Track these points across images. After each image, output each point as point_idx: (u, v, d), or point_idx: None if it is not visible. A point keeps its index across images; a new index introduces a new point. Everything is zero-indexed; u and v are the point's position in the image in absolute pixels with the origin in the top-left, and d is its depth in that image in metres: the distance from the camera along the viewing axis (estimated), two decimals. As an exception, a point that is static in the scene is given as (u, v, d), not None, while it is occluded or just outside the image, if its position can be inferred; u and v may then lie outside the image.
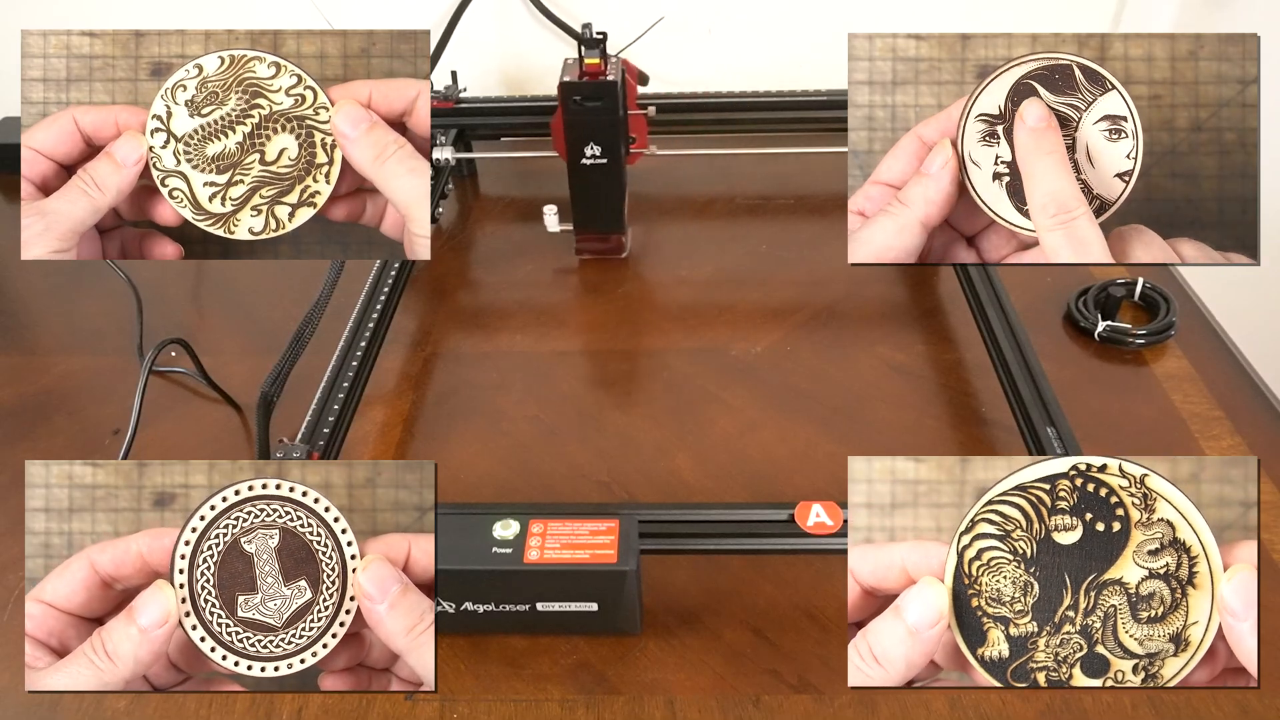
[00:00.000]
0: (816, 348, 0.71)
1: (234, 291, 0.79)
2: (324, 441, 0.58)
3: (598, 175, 0.74)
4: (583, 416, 0.66)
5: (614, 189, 0.75)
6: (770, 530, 0.50)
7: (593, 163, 0.73)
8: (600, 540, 0.47)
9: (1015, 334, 0.64)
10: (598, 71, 0.70)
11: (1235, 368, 0.68)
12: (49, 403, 0.68)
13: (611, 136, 0.72)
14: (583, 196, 0.76)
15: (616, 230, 0.78)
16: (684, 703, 0.48)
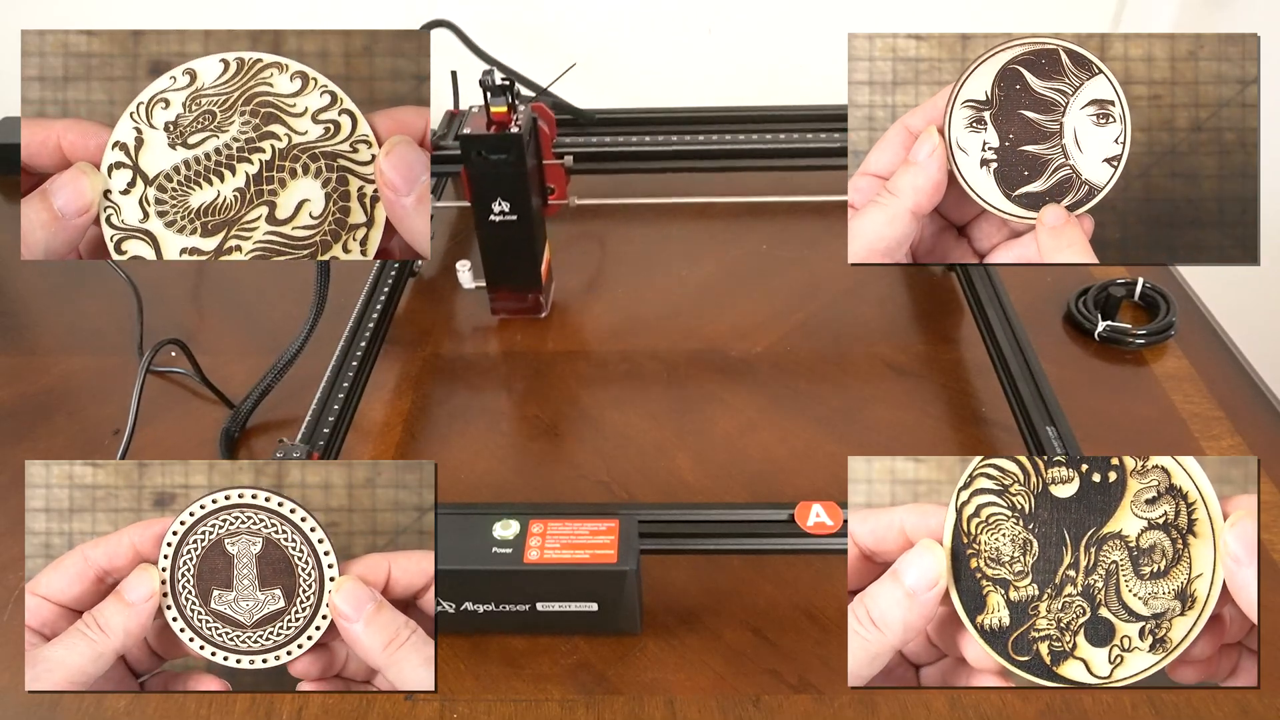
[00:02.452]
0: (816, 348, 0.71)
1: (234, 291, 0.79)
2: (324, 442, 0.58)
3: (509, 232, 0.68)
4: (583, 416, 0.66)
5: (526, 246, 0.70)
6: (770, 530, 0.50)
7: (502, 219, 0.67)
8: (600, 540, 0.47)
9: (1015, 334, 0.64)
10: (505, 121, 0.64)
11: (1235, 368, 0.68)
12: (49, 403, 0.68)
13: (520, 191, 0.66)
14: (493, 254, 0.70)
15: (533, 289, 0.73)
16: (684, 703, 0.48)
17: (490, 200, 0.67)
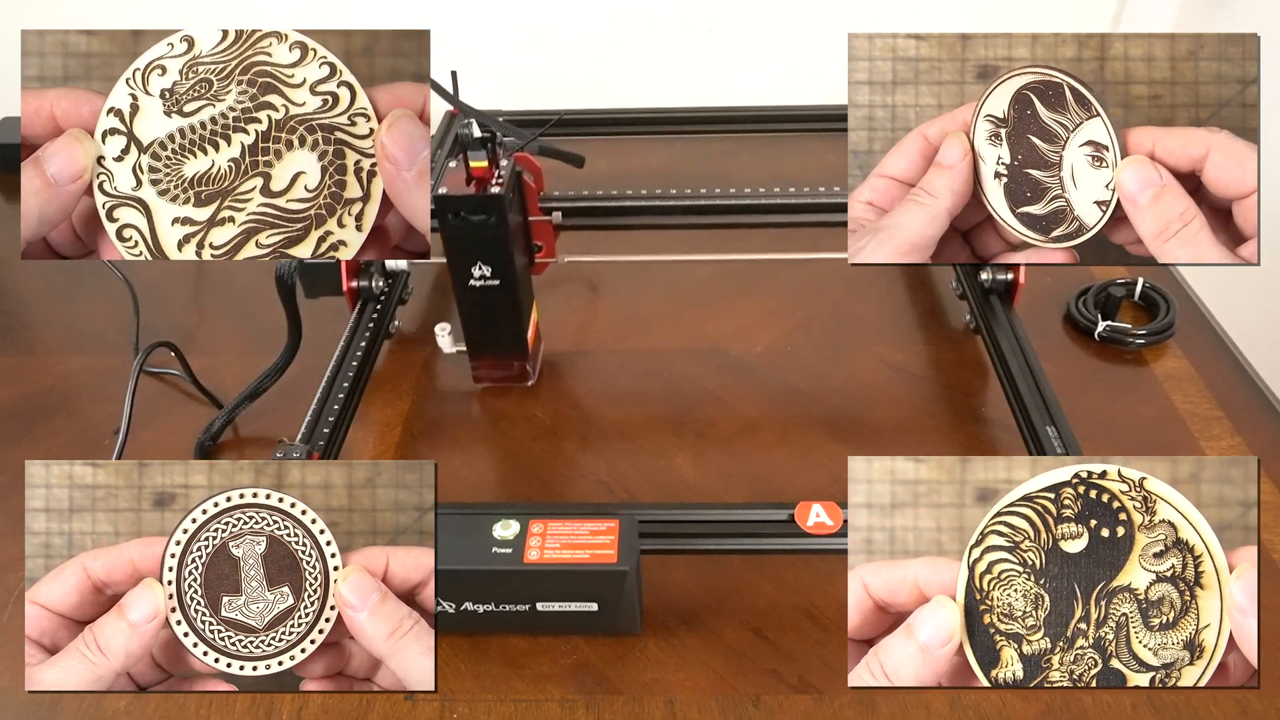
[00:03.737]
0: (816, 348, 0.71)
1: (234, 291, 0.79)
2: (324, 441, 0.58)
3: (491, 296, 0.62)
4: (583, 416, 0.66)
5: (510, 311, 0.63)
6: (770, 530, 0.50)
7: (483, 283, 0.61)
8: (600, 540, 0.47)
9: (1015, 334, 0.64)
10: (486, 177, 0.58)
11: (1235, 368, 0.68)
12: (49, 403, 0.68)
13: (503, 254, 0.60)
14: (474, 320, 0.64)
15: (518, 356, 0.66)
16: (684, 703, 0.48)
17: (469, 264, 0.60)
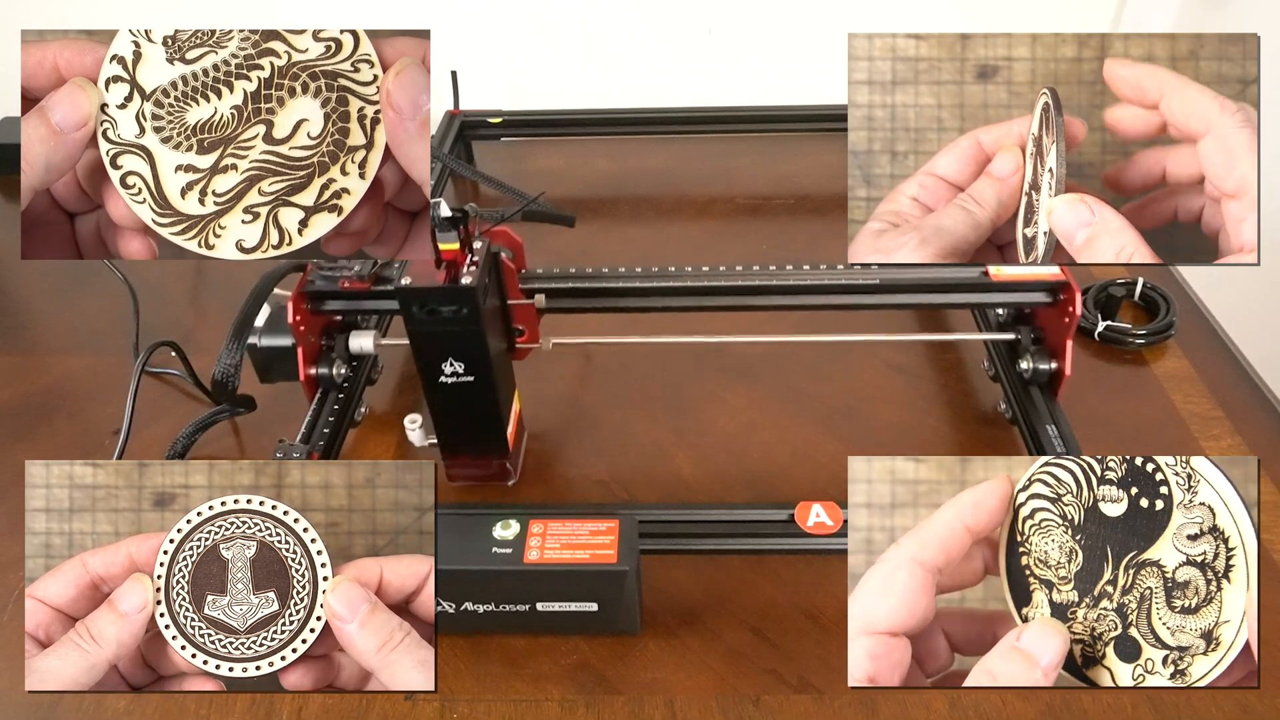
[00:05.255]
0: (816, 348, 0.71)
1: (235, 291, 0.78)
2: (324, 441, 0.58)
3: (465, 394, 0.54)
4: (583, 416, 0.66)
5: (488, 409, 0.55)
6: (770, 530, 0.50)
7: (455, 380, 0.53)
8: (600, 540, 0.47)
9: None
10: (458, 260, 0.51)
11: (1235, 368, 0.68)
12: (49, 403, 0.68)
13: (477, 349, 0.52)
14: (446, 419, 0.56)
15: (497, 455, 0.58)
16: (684, 703, 0.48)
17: (439, 360, 0.53)
